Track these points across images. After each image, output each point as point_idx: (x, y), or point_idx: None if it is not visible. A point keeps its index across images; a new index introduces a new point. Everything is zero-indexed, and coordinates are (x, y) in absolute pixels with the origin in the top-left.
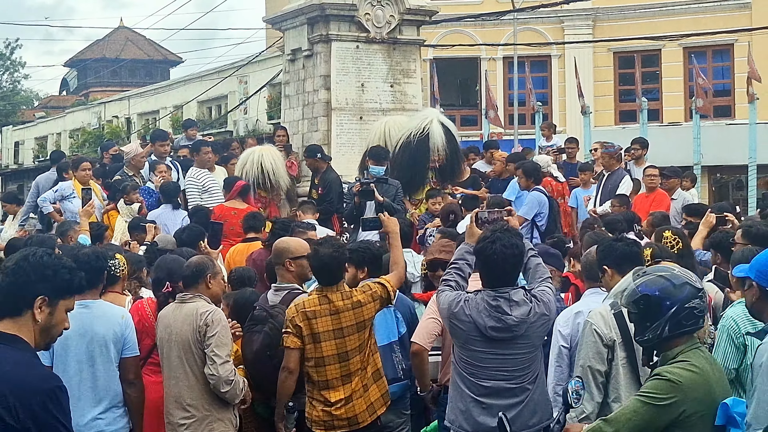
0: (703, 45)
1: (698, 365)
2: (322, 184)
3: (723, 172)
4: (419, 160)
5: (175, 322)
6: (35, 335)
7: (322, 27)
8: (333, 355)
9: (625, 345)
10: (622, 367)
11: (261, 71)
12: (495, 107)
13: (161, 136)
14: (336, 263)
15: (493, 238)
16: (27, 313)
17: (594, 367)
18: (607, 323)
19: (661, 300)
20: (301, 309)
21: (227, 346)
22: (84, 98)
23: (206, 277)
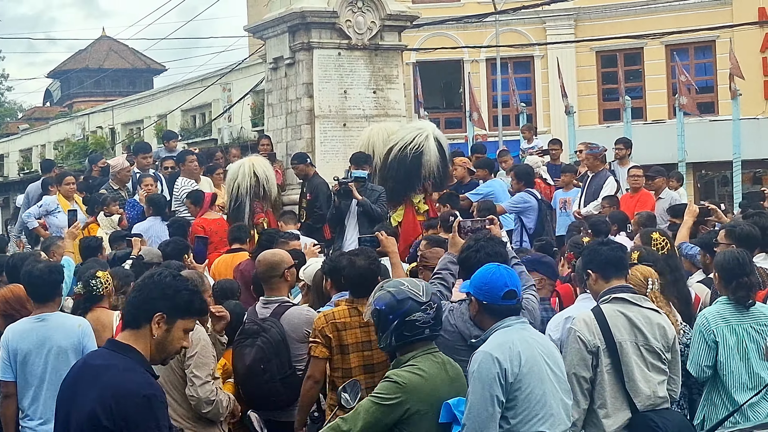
0: (685, 42)
1: (425, 369)
2: (310, 190)
3: (708, 168)
4: (413, 176)
5: None
6: (151, 348)
7: (303, 35)
8: (359, 366)
9: (609, 351)
10: (607, 374)
11: (244, 78)
12: (478, 109)
13: (143, 149)
14: (372, 275)
15: (477, 247)
16: (145, 327)
17: (579, 374)
18: (591, 330)
19: (386, 314)
20: (331, 320)
21: (208, 365)
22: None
23: None
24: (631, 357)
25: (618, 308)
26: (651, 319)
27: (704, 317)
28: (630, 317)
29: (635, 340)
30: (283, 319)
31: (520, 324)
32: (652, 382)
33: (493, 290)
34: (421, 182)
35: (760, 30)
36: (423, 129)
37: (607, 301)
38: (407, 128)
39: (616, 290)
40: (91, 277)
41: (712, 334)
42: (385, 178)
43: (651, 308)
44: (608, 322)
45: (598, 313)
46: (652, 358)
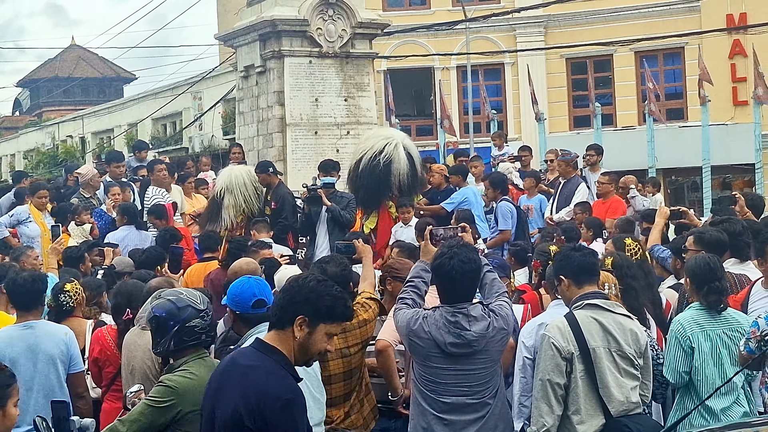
0: (654, 49)
1: (196, 372)
2: (275, 199)
3: (677, 174)
4: (383, 185)
5: (136, 351)
6: (294, 350)
7: (274, 43)
8: (339, 373)
9: (582, 357)
10: (581, 380)
11: (215, 87)
12: (449, 117)
13: (116, 158)
14: (344, 282)
15: (451, 254)
16: (288, 329)
17: (553, 381)
18: (565, 336)
19: (165, 320)
20: None
21: None
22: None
23: None
24: (604, 363)
25: (591, 314)
26: (623, 325)
27: (679, 323)
28: (603, 323)
29: (608, 346)
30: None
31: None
32: (625, 388)
33: (243, 300)
34: (391, 191)
35: (729, 36)
36: (392, 137)
37: (580, 307)
38: (376, 136)
39: (589, 296)
40: (60, 291)
41: (688, 340)
42: (357, 187)
43: (623, 314)
44: (582, 329)
45: (571, 320)
46: (624, 364)
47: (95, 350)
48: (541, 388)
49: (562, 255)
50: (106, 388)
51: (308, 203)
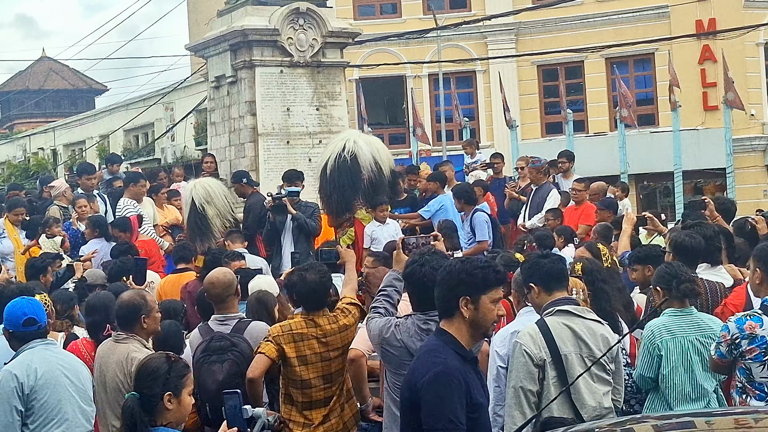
0: (625, 55)
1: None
2: (245, 209)
3: (649, 179)
4: (355, 179)
5: (108, 365)
6: (468, 329)
7: (245, 53)
8: (319, 377)
9: (555, 364)
10: (553, 386)
11: (187, 98)
12: (421, 125)
13: (87, 170)
14: (323, 288)
15: (422, 261)
16: (456, 313)
17: (525, 388)
18: (537, 343)
19: None
20: (288, 330)
21: None
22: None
23: (140, 317)
24: (576, 369)
25: (562, 320)
26: (594, 331)
27: (650, 330)
28: (574, 329)
29: (580, 352)
30: (246, 334)
31: (43, 345)
32: (598, 394)
33: (14, 319)
34: (363, 183)
35: (698, 42)
36: (348, 136)
37: (551, 314)
38: (333, 141)
39: (560, 302)
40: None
41: (657, 348)
42: (329, 193)
43: (594, 319)
44: (553, 335)
45: (542, 326)
46: (597, 370)
47: None
48: (514, 396)
49: (530, 263)
50: None
51: (273, 212)
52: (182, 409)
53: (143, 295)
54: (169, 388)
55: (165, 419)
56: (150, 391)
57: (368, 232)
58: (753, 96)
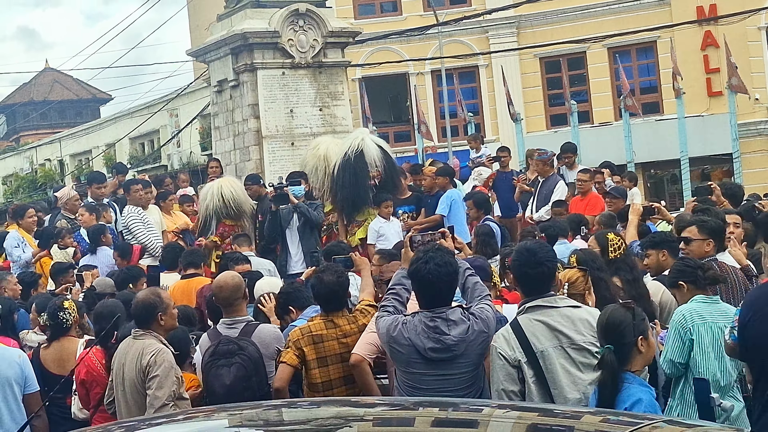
0: (627, 44)
1: None
2: (261, 211)
3: (656, 167)
4: (360, 177)
5: (126, 361)
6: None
7: (246, 56)
8: (340, 377)
9: (530, 363)
10: (533, 385)
11: (191, 103)
12: (425, 121)
13: (97, 179)
14: (341, 289)
15: (426, 258)
16: None
17: (507, 389)
18: (510, 344)
19: None
20: (307, 333)
21: (169, 387)
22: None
23: (157, 315)
24: (555, 363)
25: (533, 317)
26: (571, 317)
27: (681, 314)
28: (548, 322)
29: (559, 344)
30: (254, 337)
31: None
32: (582, 384)
33: None
34: (370, 179)
35: (700, 28)
36: (357, 134)
37: (522, 312)
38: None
39: (531, 299)
40: (59, 309)
41: (689, 332)
42: (336, 192)
43: (571, 305)
44: (525, 334)
45: (515, 326)
46: (581, 357)
47: (82, 372)
48: (498, 398)
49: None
50: (93, 409)
51: (274, 201)
52: (651, 350)
53: (158, 293)
54: (639, 333)
55: (634, 365)
56: (622, 339)
57: (375, 228)
58: (756, 80)
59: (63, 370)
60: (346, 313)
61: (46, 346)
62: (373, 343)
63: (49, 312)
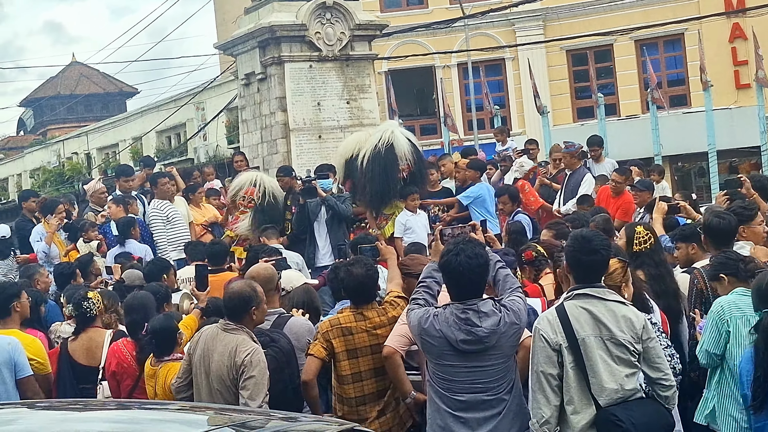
0: (654, 36)
1: None
2: (294, 203)
3: (684, 160)
4: (390, 170)
5: (213, 352)
6: None
7: (273, 49)
8: (370, 369)
9: (571, 348)
10: (571, 370)
11: (217, 97)
12: (451, 114)
13: (125, 172)
14: (371, 282)
15: (457, 251)
16: None
17: (546, 372)
18: (553, 327)
19: None
20: (337, 325)
21: (263, 389)
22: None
23: (250, 309)
24: (595, 352)
25: (581, 304)
26: (615, 312)
27: (720, 305)
28: (593, 312)
29: (599, 334)
30: (285, 329)
31: None
32: (619, 376)
33: None
34: (399, 172)
35: (728, 20)
36: (386, 127)
37: (570, 298)
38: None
39: (581, 286)
40: (83, 299)
41: (726, 324)
42: (364, 185)
43: (616, 301)
44: (570, 319)
45: (560, 311)
46: (619, 352)
47: (112, 364)
48: (537, 380)
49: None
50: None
51: (303, 195)
52: None
53: (254, 287)
54: None
55: None
56: None
57: (402, 221)
58: None
59: (93, 360)
60: (376, 306)
61: (74, 338)
62: (405, 335)
63: (73, 302)
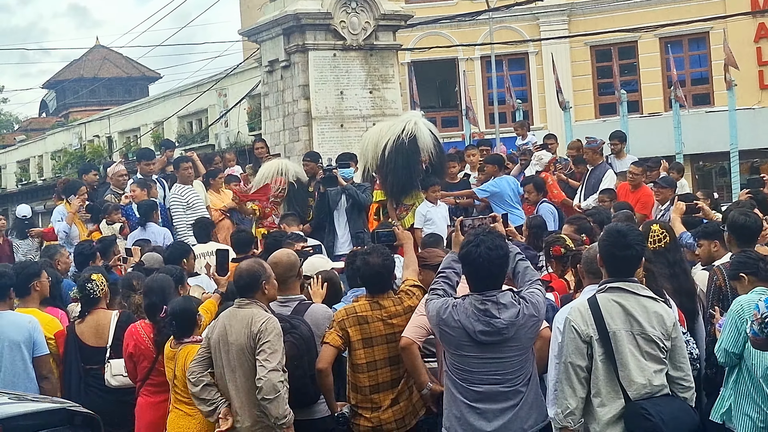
0: (679, 34)
1: None
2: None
3: (705, 159)
4: (412, 161)
5: (230, 327)
6: None
7: (298, 37)
8: (385, 358)
9: (602, 341)
10: (601, 363)
11: (239, 83)
12: (471, 107)
13: (146, 156)
14: (387, 271)
15: (477, 242)
16: None
17: (575, 363)
18: (585, 319)
19: None
20: (353, 314)
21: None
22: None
23: (261, 284)
24: (625, 346)
25: (613, 297)
26: (647, 308)
27: (740, 304)
28: (625, 306)
29: (630, 329)
30: (306, 316)
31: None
32: (648, 371)
33: None
34: (421, 165)
35: (753, 20)
36: (410, 117)
37: (603, 291)
38: (394, 123)
39: (614, 279)
40: (87, 281)
41: (745, 323)
42: (385, 175)
43: (648, 296)
44: (602, 312)
45: (593, 303)
46: (648, 347)
47: (129, 345)
48: (564, 371)
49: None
50: (141, 382)
51: (323, 184)
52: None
53: (261, 263)
54: None
55: None
56: None
57: (422, 212)
58: None
59: (101, 341)
60: (392, 295)
61: (80, 321)
62: (423, 326)
63: (78, 284)
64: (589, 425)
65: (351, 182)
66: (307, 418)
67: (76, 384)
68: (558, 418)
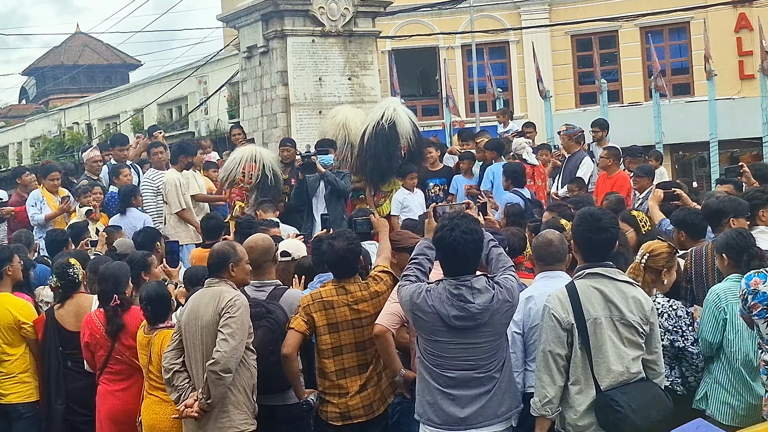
0: (660, 24)
1: None
2: (294, 176)
3: (685, 149)
4: (391, 148)
5: (199, 305)
6: None
7: (276, 23)
8: (351, 344)
9: (580, 328)
10: (579, 350)
11: (220, 71)
12: (452, 96)
13: (120, 141)
14: (352, 256)
15: (452, 226)
16: None
17: (554, 351)
18: (564, 307)
19: None
20: (318, 298)
21: (242, 331)
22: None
23: (228, 265)
24: (605, 333)
25: (592, 283)
26: (625, 293)
27: (716, 294)
28: (604, 292)
29: (610, 315)
30: (281, 301)
31: None
32: (626, 359)
33: None
34: (400, 152)
35: (734, 10)
36: (389, 104)
37: (581, 277)
38: (374, 110)
39: (591, 265)
40: (67, 267)
41: (722, 311)
42: (364, 161)
43: (626, 281)
44: (581, 299)
45: (571, 290)
46: (628, 333)
47: (86, 334)
48: (543, 359)
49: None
50: (99, 371)
51: (302, 170)
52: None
53: (234, 246)
54: None
55: None
56: None
57: (399, 199)
58: None
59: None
60: (359, 280)
61: (60, 306)
62: (396, 313)
63: (57, 272)
64: (566, 413)
65: (330, 168)
66: (283, 403)
67: (55, 369)
68: (536, 407)
